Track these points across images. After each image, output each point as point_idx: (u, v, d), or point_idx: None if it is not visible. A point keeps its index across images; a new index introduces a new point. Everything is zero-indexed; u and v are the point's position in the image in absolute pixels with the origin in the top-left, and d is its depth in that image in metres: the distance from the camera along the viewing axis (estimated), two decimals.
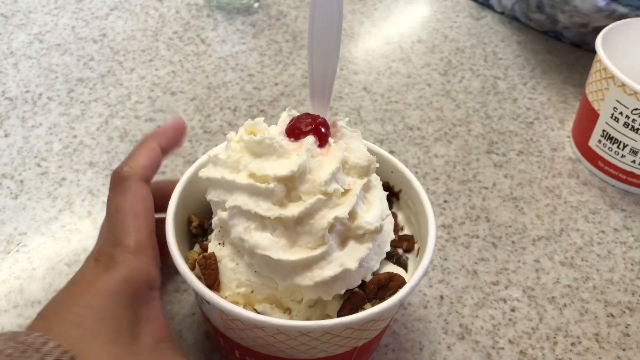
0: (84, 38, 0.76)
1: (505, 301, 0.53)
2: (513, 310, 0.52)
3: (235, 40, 0.78)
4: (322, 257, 0.37)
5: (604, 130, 0.62)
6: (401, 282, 0.41)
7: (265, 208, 0.37)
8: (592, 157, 0.65)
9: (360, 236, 0.38)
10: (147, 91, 0.69)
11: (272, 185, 0.36)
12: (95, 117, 0.66)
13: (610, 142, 0.62)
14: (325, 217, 0.36)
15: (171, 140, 0.46)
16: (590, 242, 0.59)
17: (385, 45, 0.80)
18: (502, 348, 0.50)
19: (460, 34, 0.82)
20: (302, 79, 0.73)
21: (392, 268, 0.43)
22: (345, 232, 0.38)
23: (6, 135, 0.63)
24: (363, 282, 0.40)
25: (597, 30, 0.64)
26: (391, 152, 0.65)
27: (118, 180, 0.42)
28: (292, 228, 0.37)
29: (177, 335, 0.48)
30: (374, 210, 0.39)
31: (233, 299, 0.39)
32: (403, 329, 0.51)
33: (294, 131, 0.39)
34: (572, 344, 0.50)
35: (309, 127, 0.38)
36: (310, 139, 0.38)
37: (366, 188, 0.39)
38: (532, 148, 0.67)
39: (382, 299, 0.40)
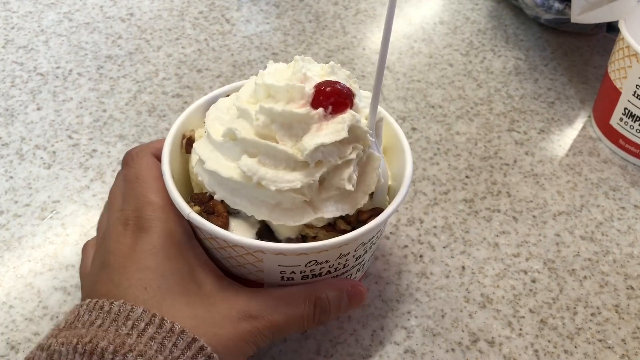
0: (111, 17, 0.78)
1: (525, 272, 0.54)
2: (534, 281, 0.53)
3: (260, 20, 0.79)
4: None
5: (625, 108, 0.62)
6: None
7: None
8: (613, 136, 0.65)
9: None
10: (174, 68, 0.71)
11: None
12: (124, 93, 0.67)
13: (631, 120, 0.62)
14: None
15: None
16: (610, 218, 0.59)
17: (407, 26, 0.80)
18: (523, 317, 0.51)
19: (481, 15, 0.83)
20: (325, 57, 0.74)
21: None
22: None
23: (39, 109, 0.65)
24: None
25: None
26: (413, 129, 0.66)
27: (131, 157, 0.43)
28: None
29: None
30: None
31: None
32: (425, 296, 0.52)
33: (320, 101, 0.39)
34: (592, 315, 0.51)
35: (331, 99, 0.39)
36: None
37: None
38: (553, 127, 0.68)
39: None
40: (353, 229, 0.40)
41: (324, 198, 0.39)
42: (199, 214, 0.40)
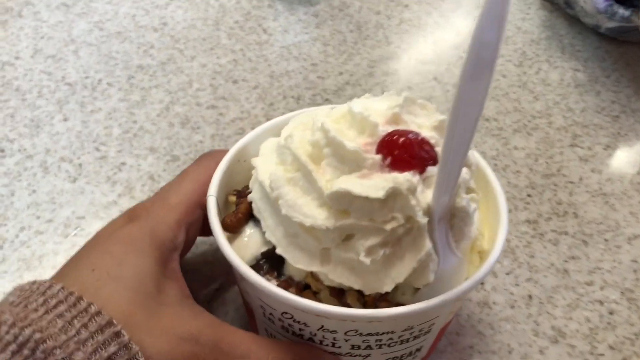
0: (144, 26, 0.74)
1: (601, 303, 0.48)
2: (611, 313, 0.47)
3: (298, 30, 0.75)
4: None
5: None
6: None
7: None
8: None
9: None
10: (209, 79, 0.67)
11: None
12: (155, 104, 0.63)
13: None
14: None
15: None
16: None
17: (456, 36, 0.75)
18: (602, 354, 0.45)
19: (533, 25, 0.78)
20: (368, 68, 0.69)
21: None
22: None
23: (65, 120, 0.61)
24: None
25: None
26: None
27: (201, 156, 0.41)
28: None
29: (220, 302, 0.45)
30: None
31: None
32: (489, 329, 0.46)
33: (399, 161, 0.32)
34: None
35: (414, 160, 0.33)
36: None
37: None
38: (620, 142, 0.62)
39: None
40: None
41: (341, 256, 0.33)
42: (233, 203, 0.39)
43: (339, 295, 0.34)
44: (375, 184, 0.31)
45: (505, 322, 0.46)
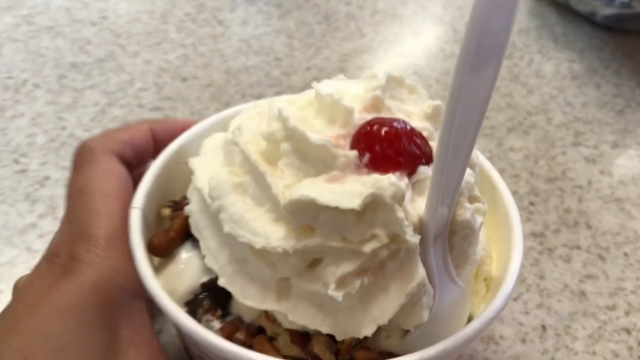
0: (80, 20, 0.64)
1: (628, 332, 0.39)
2: None
3: (258, 22, 0.66)
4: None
5: None
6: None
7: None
8: None
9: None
10: (154, 77, 0.57)
11: None
12: (89, 106, 0.54)
13: None
14: None
15: (171, 136, 0.33)
16: None
17: (435, 26, 0.67)
18: None
19: (521, 14, 0.70)
20: (339, 62, 0.60)
21: None
22: None
23: None
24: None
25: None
26: None
27: (82, 155, 0.30)
28: None
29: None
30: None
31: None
32: None
33: (381, 160, 0.24)
34: None
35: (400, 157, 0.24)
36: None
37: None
38: (628, 139, 0.54)
39: None
40: None
41: (304, 289, 0.24)
42: (167, 218, 0.30)
43: (303, 341, 0.26)
44: (349, 190, 0.23)
45: None
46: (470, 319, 0.28)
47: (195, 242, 0.28)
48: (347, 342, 0.26)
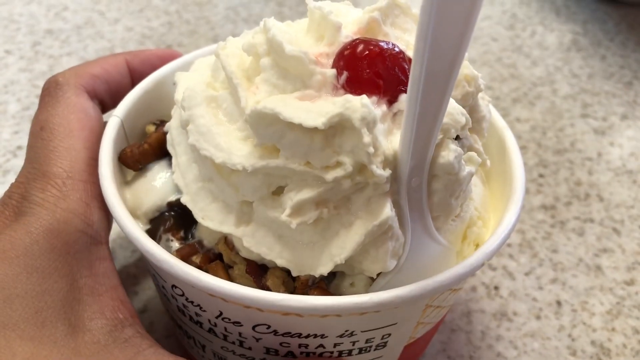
0: None
1: None
2: None
3: None
4: None
5: None
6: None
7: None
8: None
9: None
10: (136, 44, 0.54)
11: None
12: None
13: None
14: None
15: (149, 68, 0.30)
16: None
17: None
18: None
19: None
20: None
21: None
22: None
23: None
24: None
25: None
26: None
27: (48, 90, 0.27)
28: None
29: (147, 328, 0.32)
30: None
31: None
32: (511, 349, 0.34)
33: (356, 78, 0.22)
34: None
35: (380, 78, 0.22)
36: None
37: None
38: (639, 111, 0.52)
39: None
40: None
41: (265, 216, 0.22)
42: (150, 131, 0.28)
43: (258, 273, 0.24)
44: (318, 108, 0.21)
45: (531, 339, 0.35)
46: None
47: (170, 159, 0.27)
48: (303, 280, 0.23)
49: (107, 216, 0.25)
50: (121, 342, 0.22)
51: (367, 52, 0.22)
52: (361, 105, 0.20)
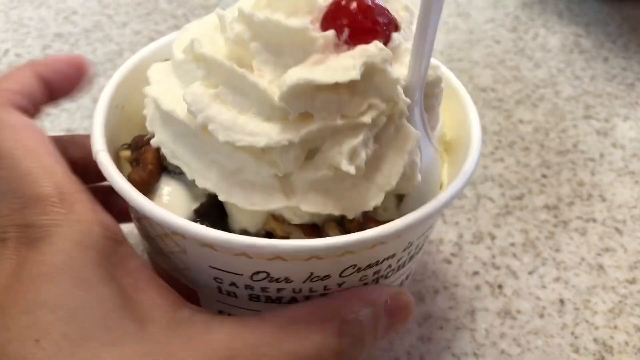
0: None
1: None
2: None
3: None
4: None
5: None
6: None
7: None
8: None
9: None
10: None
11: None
12: None
13: None
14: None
15: (58, 75, 0.29)
16: None
17: None
18: None
19: None
20: None
21: None
22: None
23: None
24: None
25: None
26: None
27: None
28: None
29: None
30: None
31: None
32: (515, 346, 0.35)
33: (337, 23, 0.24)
34: None
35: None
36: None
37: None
38: None
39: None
40: None
41: (308, 179, 0.24)
42: (128, 160, 0.28)
43: (315, 232, 0.25)
44: (340, 65, 0.23)
45: (534, 337, 0.35)
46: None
47: (171, 174, 0.27)
48: (355, 221, 0.25)
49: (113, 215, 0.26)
50: (186, 322, 0.23)
51: (357, 6, 0.24)
52: (378, 49, 0.23)
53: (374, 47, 0.23)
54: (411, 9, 0.27)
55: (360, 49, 0.23)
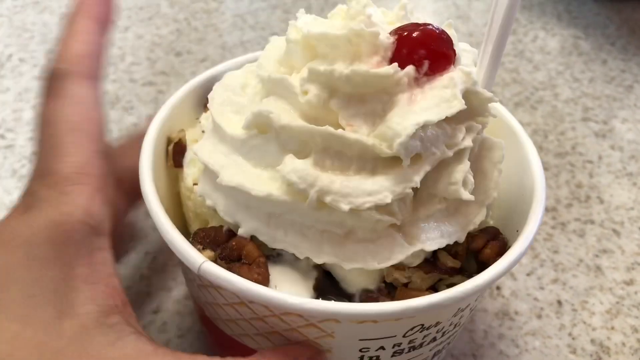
0: None
1: None
2: None
3: None
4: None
5: None
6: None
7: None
8: None
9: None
10: (146, 51, 0.55)
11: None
12: None
13: None
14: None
15: (103, 10, 0.29)
16: None
17: (434, 3, 0.65)
18: None
19: None
20: None
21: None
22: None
23: None
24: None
25: None
26: None
27: (49, 83, 0.27)
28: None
29: (160, 328, 0.33)
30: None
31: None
32: (513, 347, 0.35)
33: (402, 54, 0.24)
34: None
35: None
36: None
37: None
38: (639, 115, 0.53)
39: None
40: (462, 266, 0.26)
41: (422, 218, 0.24)
42: (214, 262, 0.24)
43: (434, 267, 0.25)
44: (441, 96, 0.23)
45: (532, 337, 0.36)
46: None
47: (268, 258, 0.25)
48: (462, 245, 0.26)
49: (112, 209, 0.26)
50: (106, 328, 0.23)
51: (425, 34, 0.24)
52: (464, 73, 0.24)
53: (461, 72, 0.23)
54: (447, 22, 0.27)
55: (447, 77, 0.23)
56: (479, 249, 0.26)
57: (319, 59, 0.24)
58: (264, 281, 0.24)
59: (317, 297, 0.24)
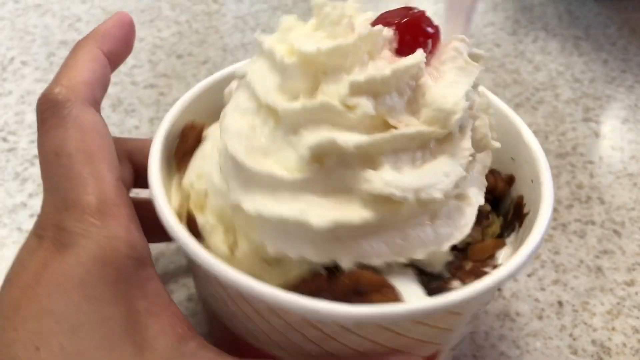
0: None
1: None
2: None
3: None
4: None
5: None
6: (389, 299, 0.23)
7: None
8: None
9: None
10: (147, 54, 0.55)
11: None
12: None
13: None
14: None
15: (118, 41, 0.28)
16: None
17: (434, 5, 0.66)
18: None
19: None
20: None
21: None
22: None
23: None
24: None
25: None
26: None
27: (51, 110, 0.25)
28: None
29: None
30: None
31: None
32: (514, 348, 0.35)
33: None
34: None
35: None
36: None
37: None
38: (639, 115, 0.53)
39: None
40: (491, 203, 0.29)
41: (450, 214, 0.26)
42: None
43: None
44: (456, 65, 0.25)
45: (533, 338, 0.36)
46: None
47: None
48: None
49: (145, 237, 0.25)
50: (189, 356, 0.23)
51: (415, 18, 0.25)
52: (453, 48, 0.25)
53: (458, 41, 0.25)
54: None
55: (451, 48, 0.25)
56: (501, 188, 0.29)
57: (329, 73, 0.24)
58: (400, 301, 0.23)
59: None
